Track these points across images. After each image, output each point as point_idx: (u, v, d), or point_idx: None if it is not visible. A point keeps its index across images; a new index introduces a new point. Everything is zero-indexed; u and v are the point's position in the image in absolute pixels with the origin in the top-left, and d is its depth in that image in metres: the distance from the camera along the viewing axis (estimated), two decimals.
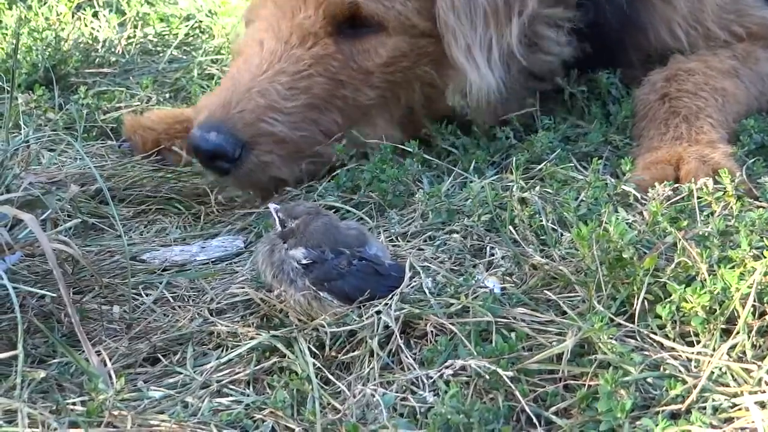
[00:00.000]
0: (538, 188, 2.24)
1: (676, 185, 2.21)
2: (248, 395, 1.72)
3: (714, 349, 1.66)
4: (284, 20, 2.57)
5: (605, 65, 2.90)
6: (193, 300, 2.09)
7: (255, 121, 2.47)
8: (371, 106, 2.65)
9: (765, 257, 1.73)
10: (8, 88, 2.90)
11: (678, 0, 2.85)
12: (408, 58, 2.64)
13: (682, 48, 2.89)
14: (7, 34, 4.00)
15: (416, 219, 2.30)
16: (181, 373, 1.81)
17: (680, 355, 1.67)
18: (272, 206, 2.09)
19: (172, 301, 2.09)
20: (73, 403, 1.66)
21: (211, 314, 2.00)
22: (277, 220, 2.04)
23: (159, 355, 1.88)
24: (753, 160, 2.45)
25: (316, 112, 2.55)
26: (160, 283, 2.15)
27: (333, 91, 2.57)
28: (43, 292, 1.95)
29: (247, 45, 2.65)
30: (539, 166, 2.48)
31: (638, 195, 2.23)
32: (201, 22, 4.57)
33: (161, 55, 4.08)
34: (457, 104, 2.66)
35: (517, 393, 1.58)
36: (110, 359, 1.82)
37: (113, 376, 1.74)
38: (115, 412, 1.60)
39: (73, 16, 4.42)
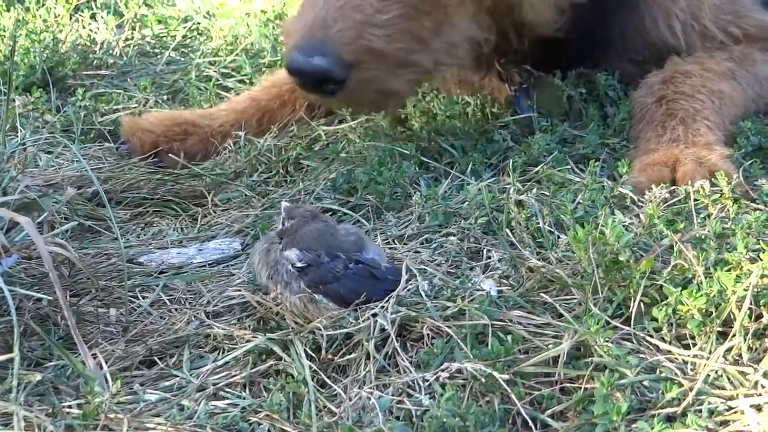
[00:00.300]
0: (534, 190, 2.24)
1: (673, 187, 2.21)
2: (244, 398, 1.72)
3: (710, 352, 1.66)
4: None
5: (601, 48, 2.92)
6: (189, 303, 2.09)
7: (355, 38, 2.40)
8: (452, 5, 2.56)
9: (761, 260, 1.72)
10: (5, 90, 2.90)
11: None
12: None
13: (678, 46, 2.89)
14: (4, 36, 4.00)
15: (413, 221, 2.31)
16: (178, 376, 1.81)
17: (676, 358, 1.67)
18: (284, 204, 2.09)
19: (168, 303, 2.09)
20: (69, 406, 1.66)
21: (208, 317, 2.00)
22: (282, 217, 2.05)
23: (155, 358, 1.88)
24: (750, 162, 2.45)
25: (409, 21, 2.46)
26: (157, 286, 2.15)
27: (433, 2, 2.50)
28: (39, 295, 1.95)
29: None
30: (536, 169, 2.48)
31: (635, 197, 2.23)
32: (199, 23, 4.58)
33: (159, 57, 4.09)
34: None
35: (513, 396, 1.58)
36: (106, 362, 1.82)
37: (109, 379, 1.74)
38: (111, 415, 1.60)
39: (71, 18, 4.43)
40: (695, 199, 2.10)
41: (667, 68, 2.83)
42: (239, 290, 2.06)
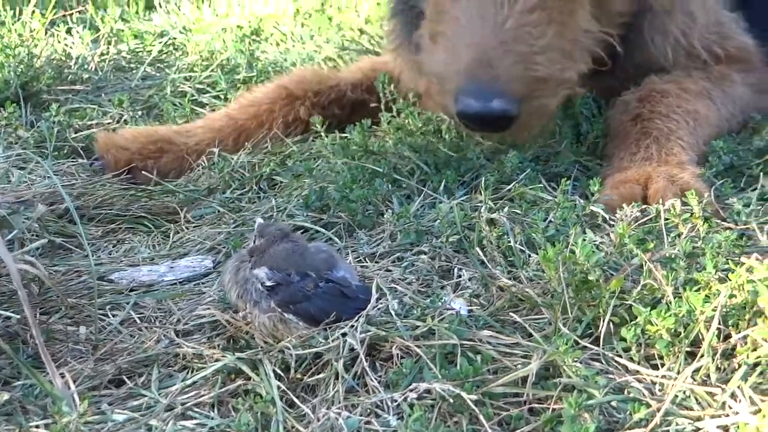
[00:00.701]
0: (506, 209, 2.24)
1: (644, 206, 2.21)
2: (213, 418, 1.70)
3: (678, 372, 1.66)
4: None
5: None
6: (159, 321, 2.08)
7: (524, 72, 2.35)
8: (579, 7, 2.52)
9: (730, 280, 1.73)
10: None
11: (676, 13, 2.87)
12: None
13: (667, 65, 2.89)
14: None
15: (385, 240, 2.30)
16: (146, 396, 1.79)
17: (645, 378, 1.67)
18: (258, 220, 2.09)
19: (138, 322, 2.08)
20: (37, 426, 1.65)
21: (177, 335, 1.98)
22: (254, 234, 2.05)
23: (124, 377, 1.86)
24: (722, 181, 2.45)
25: (560, 39, 2.43)
26: (128, 304, 2.13)
27: (562, 8, 2.45)
28: (7, 313, 1.94)
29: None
30: (508, 187, 2.48)
31: (606, 216, 2.23)
32: (175, 39, 4.58)
33: (134, 72, 4.08)
34: None
35: (481, 417, 1.57)
36: (75, 381, 1.81)
37: (77, 398, 1.72)
38: None
39: (46, 33, 4.42)
40: (666, 218, 2.10)
41: (645, 87, 2.83)
42: (209, 309, 2.05)
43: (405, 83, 3.12)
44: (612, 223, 2.19)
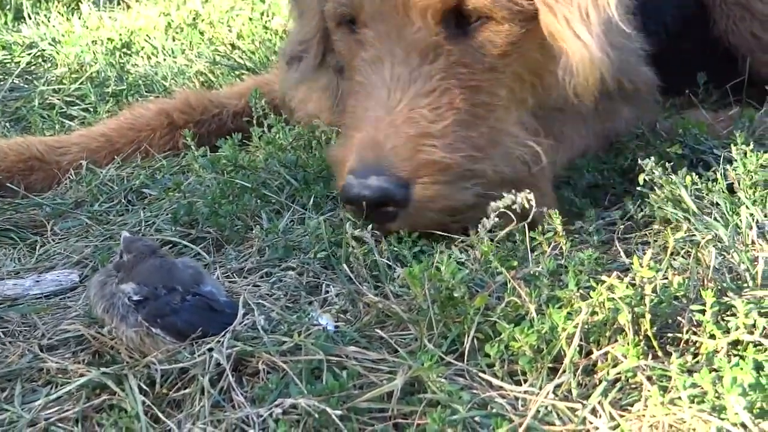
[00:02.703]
0: (371, 226, 2.23)
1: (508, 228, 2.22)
2: None
3: (540, 388, 1.67)
4: (394, 42, 2.34)
5: None
6: (23, 335, 2.03)
7: (412, 153, 2.23)
8: (501, 108, 2.42)
9: (592, 297, 1.75)
10: None
11: None
12: (521, 45, 2.42)
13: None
14: None
15: (253, 255, 2.29)
16: (9, 411, 1.75)
17: (508, 394, 1.68)
18: (124, 234, 2.06)
19: (2, 336, 2.03)
20: None
21: (42, 350, 1.94)
22: (120, 248, 2.02)
23: None
24: (583, 200, 2.48)
25: (465, 128, 2.32)
26: None
27: (472, 100, 2.35)
28: None
29: (364, 82, 2.41)
30: None
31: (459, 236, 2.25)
32: (44, 50, 4.51)
33: (2, 83, 4.00)
34: (569, 85, 2.40)
35: None
36: None
37: None
38: None
39: None
40: (531, 237, 2.12)
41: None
42: (75, 323, 2.01)
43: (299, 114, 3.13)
44: (471, 239, 2.20)
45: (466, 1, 2.32)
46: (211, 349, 1.80)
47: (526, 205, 2.10)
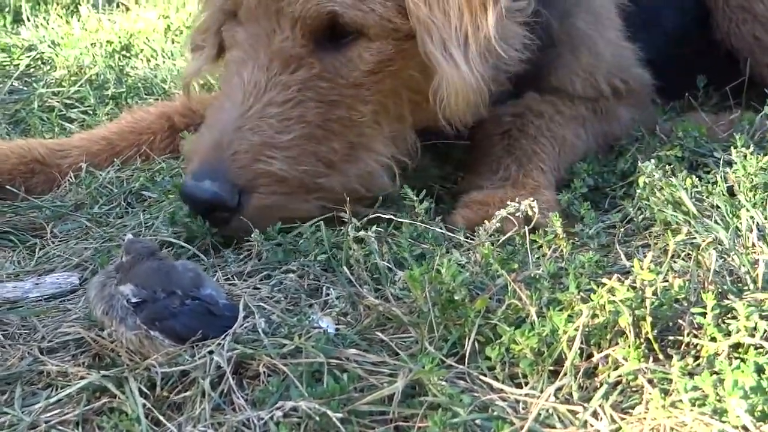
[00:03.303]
0: (374, 228, 2.23)
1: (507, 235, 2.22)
2: None
3: (541, 391, 1.67)
4: (261, 46, 2.36)
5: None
6: (23, 338, 2.03)
7: (251, 162, 2.27)
8: (365, 124, 2.44)
9: (592, 300, 1.75)
10: None
11: (581, 53, 2.88)
12: (394, 63, 2.42)
13: (573, 93, 2.91)
14: None
15: (252, 258, 2.29)
16: (9, 414, 1.74)
17: (509, 397, 1.68)
18: (128, 236, 2.06)
19: (2, 339, 2.02)
20: None
21: (42, 353, 1.94)
22: (122, 250, 2.03)
23: None
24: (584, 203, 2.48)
25: (314, 142, 2.35)
26: None
27: (327, 114, 2.37)
28: None
29: (226, 80, 2.46)
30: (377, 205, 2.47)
31: (461, 239, 2.25)
32: (43, 53, 4.51)
33: (1, 86, 4.00)
34: (440, 108, 2.41)
35: None
36: None
37: None
38: None
39: None
40: (531, 240, 2.13)
41: (522, 102, 2.82)
42: (74, 326, 2.01)
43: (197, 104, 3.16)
44: (465, 242, 2.21)
45: (339, 16, 2.33)
46: (211, 352, 1.80)
47: (530, 213, 2.12)
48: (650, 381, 1.67)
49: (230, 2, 2.49)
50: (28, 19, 5.23)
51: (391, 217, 2.34)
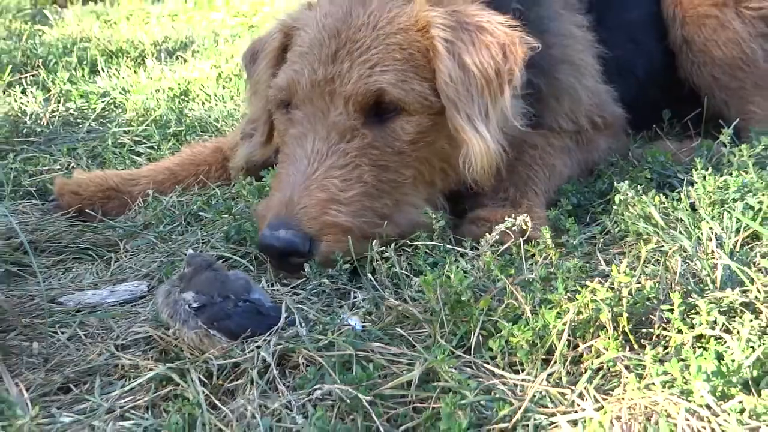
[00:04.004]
0: (393, 244, 2.24)
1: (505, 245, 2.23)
2: (147, 419, 1.67)
3: (535, 376, 1.68)
4: (319, 122, 2.38)
5: None
6: (101, 337, 2.04)
7: (319, 214, 2.24)
8: (408, 185, 2.44)
9: (577, 299, 1.76)
10: None
11: (564, 100, 2.87)
12: (429, 135, 2.45)
13: (558, 128, 2.89)
14: None
15: None
16: (90, 401, 1.76)
17: (508, 381, 1.69)
18: (189, 251, 2.07)
19: (84, 338, 2.04)
20: None
21: (117, 349, 1.95)
22: (185, 262, 2.05)
23: (71, 385, 1.83)
24: (569, 219, 2.48)
25: (370, 199, 2.33)
26: (74, 323, 2.09)
27: (379, 176, 2.37)
28: None
29: (288, 152, 2.44)
30: None
31: (466, 250, 2.25)
32: (115, 98, 4.53)
33: (81, 126, 4.02)
34: (468, 172, 2.42)
35: (373, 414, 1.58)
36: (28, 389, 1.77)
37: (30, 404, 1.69)
38: None
39: (3, 93, 4.36)
40: (525, 249, 2.13)
41: (519, 136, 2.73)
42: (144, 326, 2.02)
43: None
44: (476, 252, 2.21)
45: (384, 95, 2.37)
46: (258, 347, 1.82)
47: (524, 227, 2.13)
48: (627, 367, 1.67)
49: (284, 93, 2.51)
50: (103, 70, 5.25)
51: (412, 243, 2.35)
